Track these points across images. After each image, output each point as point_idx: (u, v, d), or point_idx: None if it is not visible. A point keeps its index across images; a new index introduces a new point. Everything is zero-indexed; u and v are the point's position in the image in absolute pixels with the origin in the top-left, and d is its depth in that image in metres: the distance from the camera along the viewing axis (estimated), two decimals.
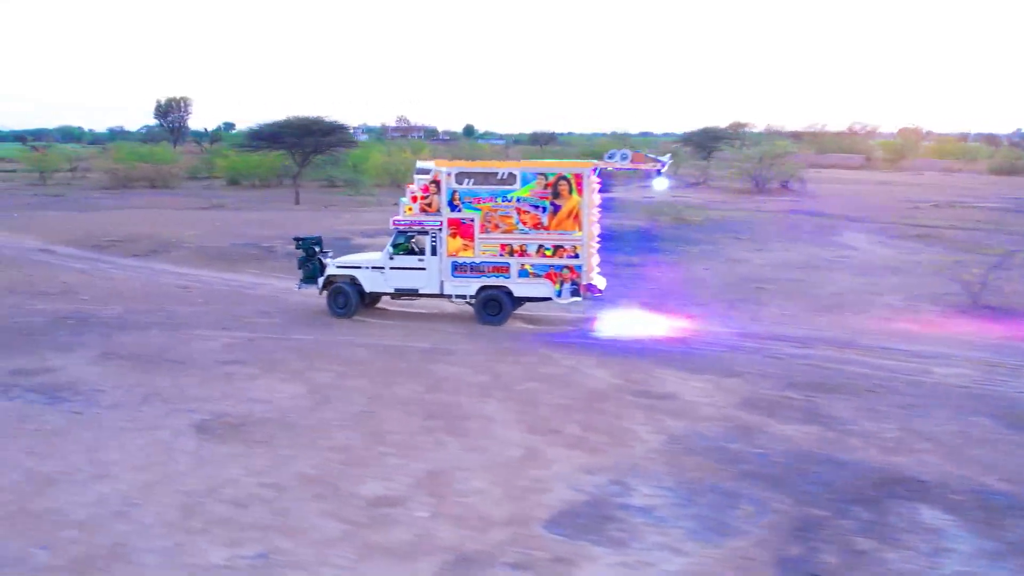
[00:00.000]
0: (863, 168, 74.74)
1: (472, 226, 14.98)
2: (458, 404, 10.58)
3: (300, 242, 16.32)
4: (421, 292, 15.42)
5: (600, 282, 15.46)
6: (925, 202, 38.97)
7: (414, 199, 15.25)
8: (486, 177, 15.02)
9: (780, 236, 27.09)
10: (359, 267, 15.60)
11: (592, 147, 66.54)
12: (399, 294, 15.76)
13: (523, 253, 14.91)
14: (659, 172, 16.11)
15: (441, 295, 15.38)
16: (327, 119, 37.18)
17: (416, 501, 7.90)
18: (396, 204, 15.98)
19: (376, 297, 16.00)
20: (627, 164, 15.33)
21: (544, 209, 14.76)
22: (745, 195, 42.43)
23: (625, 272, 20.33)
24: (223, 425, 9.66)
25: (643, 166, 15.66)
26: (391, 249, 15.44)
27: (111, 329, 14.29)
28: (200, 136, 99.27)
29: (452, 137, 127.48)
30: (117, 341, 13.42)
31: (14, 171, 55.86)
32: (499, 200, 14.86)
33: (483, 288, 15.04)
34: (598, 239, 15.73)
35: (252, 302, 16.94)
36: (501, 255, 14.97)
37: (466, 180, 15.02)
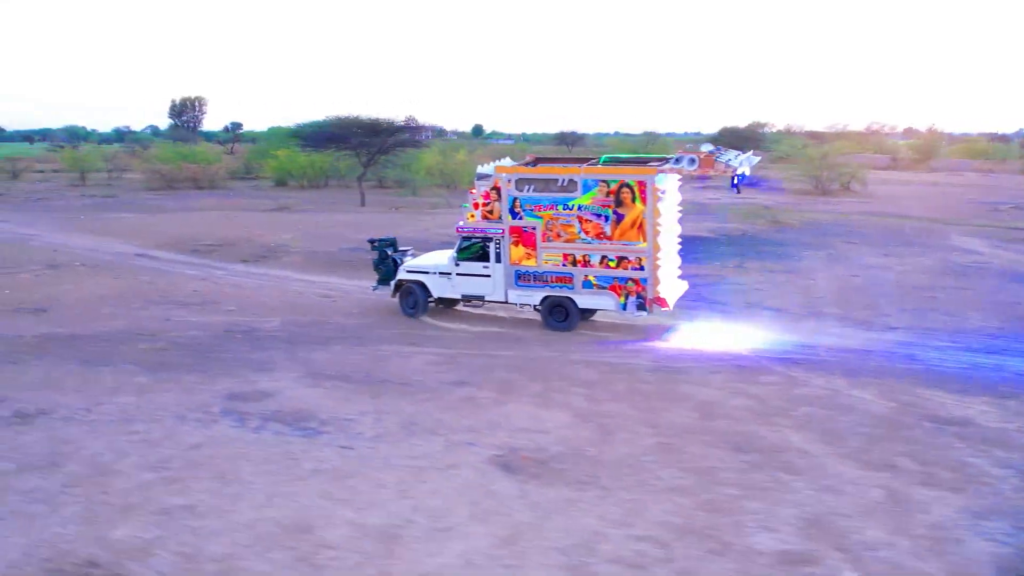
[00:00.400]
0: (892, 168, 73.99)
1: (534, 234, 14.24)
2: (756, 434, 9.46)
3: (375, 244, 16.23)
4: (487, 299, 14.93)
5: (672, 291, 14.29)
6: (1000, 204, 38.11)
7: (476, 206, 14.66)
8: (547, 184, 14.16)
9: (890, 240, 26.04)
10: (427, 272, 15.29)
11: (611, 148, 65.63)
12: (467, 300, 15.28)
13: (586, 263, 14.04)
14: (741, 179, 14.21)
15: (507, 302, 14.80)
16: (396, 119, 35.86)
17: (827, 557, 6.77)
18: (463, 207, 15.27)
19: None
20: (695, 170, 13.75)
21: (607, 218, 13.80)
22: (808, 196, 41.43)
23: (774, 279, 19.26)
24: (525, 462, 8.49)
25: (713, 171, 13.84)
26: (456, 255, 14.98)
27: (288, 344, 13.10)
28: (210, 136, 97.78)
29: (461, 137, 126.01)
30: (308, 359, 12.23)
31: (42, 171, 54.33)
32: (560, 208, 14.03)
33: (547, 298, 14.35)
34: (678, 242, 14.81)
35: None
36: (564, 265, 14.17)
37: (526, 187, 14.24)
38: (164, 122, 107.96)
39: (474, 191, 14.71)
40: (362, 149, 36.35)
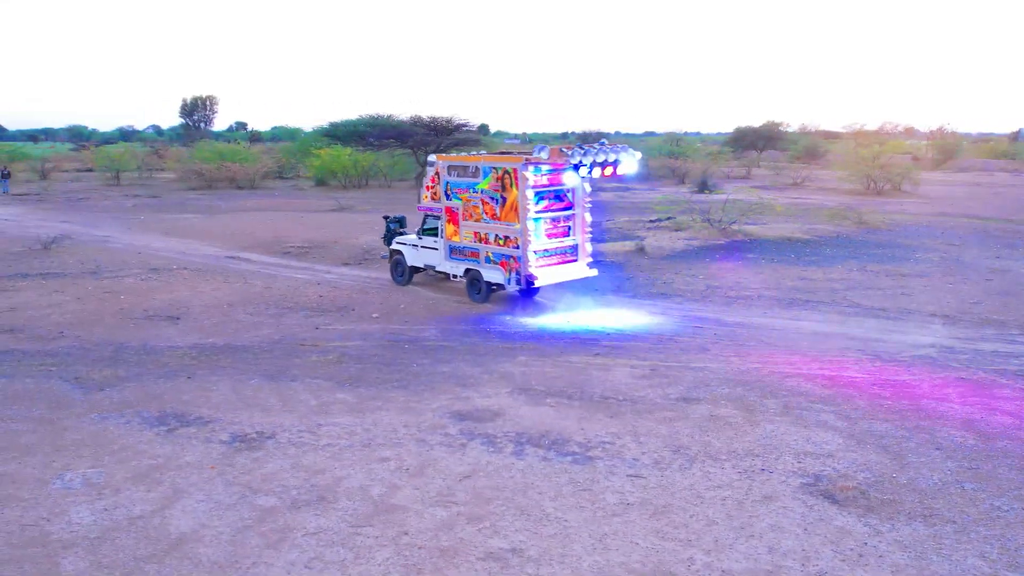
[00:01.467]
0: (916, 168, 73.27)
1: (458, 214, 16.07)
2: None
3: (387, 219, 18.91)
4: (436, 269, 16.90)
5: (559, 273, 15.49)
6: None
7: (427, 188, 16.90)
8: (464, 170, 15.96)
9: (988, 241, 25.35)
10: (405, 244, 17.70)
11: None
12: (426, 269, 17.29)
13: (487, 241, 15.59)
14: (614, 175, 15.36)
15: (447, 273, 16.68)
16: (456, 118, 34.93)
17: None
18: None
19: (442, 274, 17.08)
20: (548, 159, 14.94)
21: (497, 201, 15.26)
22: (861, 196, 40.73)
23: (909, 282, 18.48)
24: (844, 491, 7.64)
25: (559, 160, 14.91)
26: (420, 231, 17.26)
27: (467, 355, 12.23)
28: (218, 135, 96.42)
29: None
30: (503, 372, 11.34)
31: (66, 170, 53.13)
32: (471, 192, 15.72)
33: (467, 271, 16.08)
34: (589, 231, 16.05)
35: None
36: (475, 242, 15.84)
37: (453, 172, 16.15)
38: (167, 121, 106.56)
39: (426, 177, 16.91)
40: (420, 148, 35.39)
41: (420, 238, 17.16)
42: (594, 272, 16.14)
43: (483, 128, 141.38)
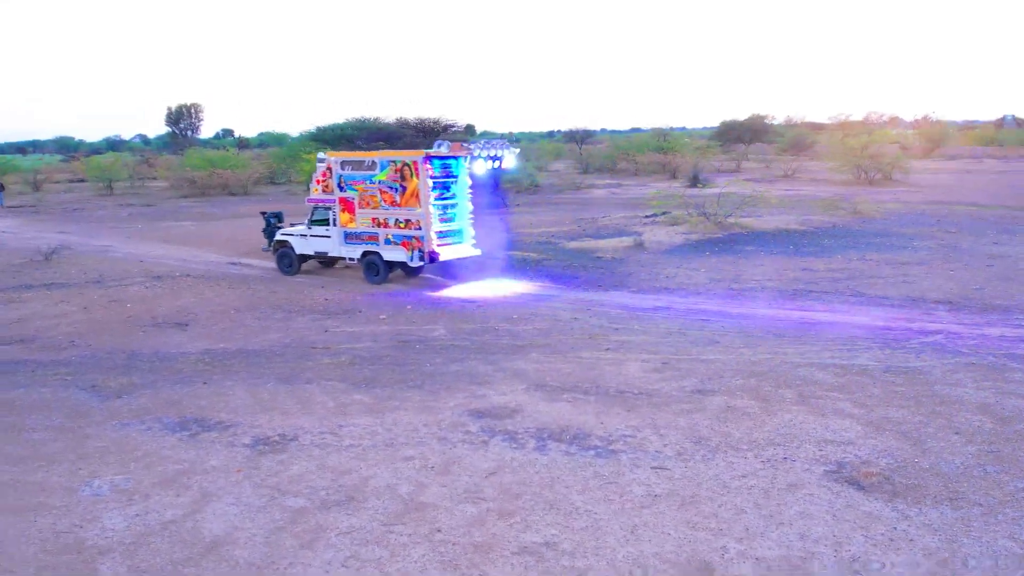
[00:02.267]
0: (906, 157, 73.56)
1: (354, 203, 18.03)
2: None
3: (265, 215, 20.89)
4: (329, 255, 18.93)
5: (453, 251, 17.90)
6: None
7: (318, 182, 18.78)
8: (360, 164, 17.99)
9: (985, 228, 25.56)
10: (292, 235, 19.47)
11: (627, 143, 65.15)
12: (318, 257, 19.24)
13: (386, 225, 17.71)
14: (498, 168, 17.98)
15: (342, 257, 18.72)
16: (443, 119, 34.94)
17: None
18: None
19: (329, 261, 19.45)
20: (448, 152, 17.40)
21: (396, 190, 17.42)
22: (853, 186, 40.99)
23: (909, 270, 18.63)
24: (868, 477, 7.72)
25: (461, 154, 17.46)
26: (309, 221, 19.08)
27: (478, 353, 12.26)
28: (204, 143, 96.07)
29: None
30: (516, 369, 11.38)
31: (58, 181, 52.90)
32: (367, 183, 17.75)
33: (365, 253, 18.09)
34: (471, 216, 18.42)
35: (558, 321, 14.95)
36: (372, 227, 17.87)
37: (347, 167, 18.12)
38: (153, 130, 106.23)
39: (316, 172, 18.81)
40: (411, 150, 35.46)
41: (310, 228, 18.94)
42: (478, 252, 18.53)
43: (470, 128, 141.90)
